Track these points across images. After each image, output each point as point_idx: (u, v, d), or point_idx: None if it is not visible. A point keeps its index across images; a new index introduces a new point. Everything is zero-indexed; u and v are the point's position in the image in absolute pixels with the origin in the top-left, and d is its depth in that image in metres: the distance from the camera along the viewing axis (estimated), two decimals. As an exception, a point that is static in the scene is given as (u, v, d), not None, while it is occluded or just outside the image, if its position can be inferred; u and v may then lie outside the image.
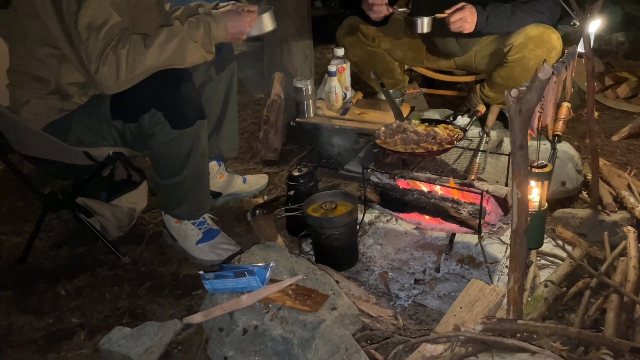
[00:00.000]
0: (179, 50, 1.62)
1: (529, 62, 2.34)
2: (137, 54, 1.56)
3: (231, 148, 2.28)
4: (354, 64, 2.73)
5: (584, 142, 2.61)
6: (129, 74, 1.57)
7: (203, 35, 1.65)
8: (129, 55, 1.55)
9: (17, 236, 2.17)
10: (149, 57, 1.58)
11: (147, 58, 1.58)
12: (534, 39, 2.33)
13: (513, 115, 1.14)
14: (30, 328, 1.68)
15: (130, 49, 1.55)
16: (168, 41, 1.60)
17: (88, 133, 1.75)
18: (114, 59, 1.54)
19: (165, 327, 1.52)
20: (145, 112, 1.66)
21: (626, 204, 1.94)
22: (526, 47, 2.34)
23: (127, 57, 1.55)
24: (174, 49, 1.61)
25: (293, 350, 1.36)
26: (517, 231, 1.24)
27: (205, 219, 1.95)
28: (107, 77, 1.56)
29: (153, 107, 1.65)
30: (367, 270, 1.83)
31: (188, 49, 1.63)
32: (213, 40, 1.68)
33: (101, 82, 1.58)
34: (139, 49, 1.57)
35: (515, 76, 2.40)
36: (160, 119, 1.67)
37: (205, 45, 1.67)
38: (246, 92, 3.42)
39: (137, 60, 1.57)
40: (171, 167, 1.78)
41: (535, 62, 2.31)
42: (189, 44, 1.63)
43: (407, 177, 1.86)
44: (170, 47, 1.60)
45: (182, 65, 1.65)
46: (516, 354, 1.25)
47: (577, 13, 1.59)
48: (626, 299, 1.51)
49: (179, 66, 1.65)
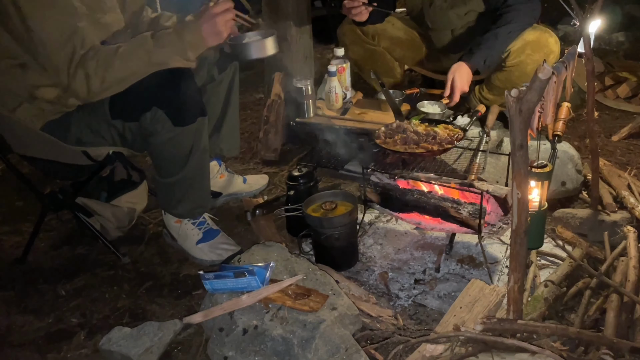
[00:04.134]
0: (150, 60, 1.60)
1: (526, 67, 2.38)
2: (107, 66, 1.56)
3: (232, 148, 2.28)
4: (354, 63, 2.74)
5: (584, 142, 2.61)
6: (101, 85, 1.58)
7: (176, 41, 1.61)
8: (98, 67, 1.56)
9: (17, 236, 2.17)
10: (118, 68, 1.57)
11: (117, 70, 1.57)
12: (531, 44, 2.36)
13: (513, 115, 1.14)
14: (30, 328, 1.68)
15: (100, 62, 1.55)
16: (136, 51, 1.59)
17: (87, 133, 1.74)
18: (82, 73, 1.55)
19: (165, 327, 1.52)
20: (147, 111, 1.66)
21: (626, 204, 1.95)
22: (524, 52, 2.37)
23: (96, 70, 1.55)
24: (145, 59, 1.59)
25: (293, 350, 1.36)
26: (517, 231, 1.24)
27: (205, 219, 1.95)
28: (79, 90, 1.58)
29: (154, 105, 1.65)
30: (367, 270, 1.83)
31: (160, 57, 1.60)
32: (189, 46, 1.62)
33: (76, 95, 1.61)
34: (108, 61, 1.56)
35: (513, 80, 2.42)
36: (162, 116, 1.67)
37: (180, 51, 1.61)
38: (246, 92, 3.42)
39: (107, 73, 1.57)
40: (172, 165, 1.78)
41: (533, 66, 2.33)
42: (159, 52, 1.60)
43: (407, 177, 1.86)
44: (140, 57, 1.59)
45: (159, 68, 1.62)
46: (516, 354, 1.25)
47: (577, 13, 1.59)
48: (626, 299, 1.51)
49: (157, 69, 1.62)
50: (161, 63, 1.61)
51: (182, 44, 1.61)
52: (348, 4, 2.42)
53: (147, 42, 1.59)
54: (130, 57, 1.58)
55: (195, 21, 1.62)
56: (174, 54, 1.61)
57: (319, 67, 3.08)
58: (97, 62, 1.55)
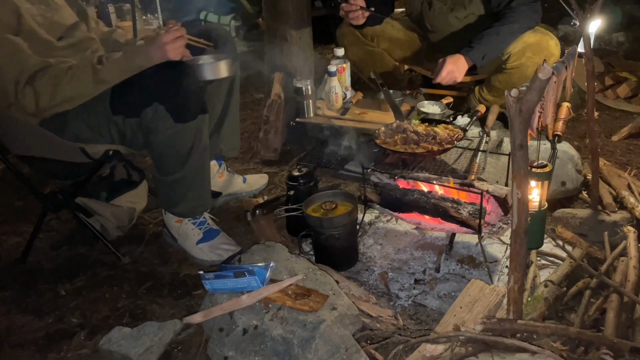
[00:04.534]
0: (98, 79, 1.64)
1: (527, 69, 2.38)
2: (56, 84, 1.61)
3: (232, 147, 2.28)
4: (354, 64, 2.74)
5: (584, 142, 2.61)
6: (49, 102, 1.63)
7: (124, 63, 1.65)
8: (48, 85, 1.60)
9: (17, 236, 2.17)
10: (67, 86, 1.62)
11: (66, 88, 1.62)
12: (531, 47, 2.36)
13: (513, 115, 1.14)
14: (30, 328, 1.68)
15: (49, 80, 1.61)
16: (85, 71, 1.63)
17: (85, 129, 1.75)
18: (31, 90, 1.60)
19: (165, 327, 1.52)
20: (148, 106, 1.67)
21: (626, 204, 1.95)
22: (524, 54, 2.37)
23: (45, 88, 1.61)
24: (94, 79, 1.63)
25: (293, 350, 1.36)
26: (517, 231, 1.24)
27: (205, 219, 1.95)
28: (28, 107, 1.63)
29: (155, 101, 1.66)
30: (367, 270, 1.83)
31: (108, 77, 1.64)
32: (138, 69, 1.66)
33: (22, 110, 1.65)
34: (58, 79, 1.61)
35: (513, 82, 2.42)
36: (163, 112, 1.67)
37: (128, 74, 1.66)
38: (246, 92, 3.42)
39: (57, 90, 1.61)
40: (173, 163, 1.78)
41: (533, 69, 2.31)
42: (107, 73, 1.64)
43: (407, 177, 1.86)
44: (89, 77, 1.63)
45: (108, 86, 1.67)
46: (516, 354, 1.25)
47: (577, 13, 1.59)
48: (626, 299, 1.51)
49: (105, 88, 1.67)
50: (109, 82, 1.67)
51: (130, 67, 1.66)
52: (346, 8, 2.43)
53: (97, 63, 1.65)
54: (79, 77, 1.63)
55: (146, 47, 1.67)
56: (122, 76, 1.67)
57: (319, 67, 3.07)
58: (47, 79, 1.61)
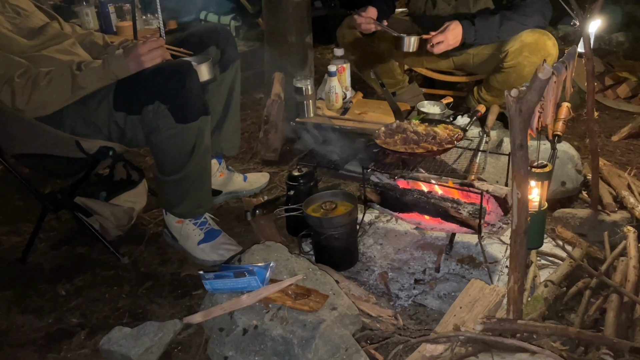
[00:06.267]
0: (74, 85, 1.66)
1: (524, 69, 2.36)
2: (34, 87, 1.64)
3: (232, 146, 2.28)
4: (354, 64, 2.74)
5: (584, 142, 2.61)
6: (26, 104, 1.65)
7: (101, 71, 1.67)
8: (26, 87, 1.63)
9: (17, 236, 2.17)
10: (44, 91, 1.64)
11: (43, 92, 1.64)
12: (529, 46, 2.34)
13: (513, 115, 1.14)
14: (30, 328, 1.68)
15: (27, 82, 1.63)
16: (63, 77, 1.66)
17: (83, 124, 1.75)
18: (9, 89, 1.63)
19: (165, 327, 1.52)
20: (149, 104, 1.67)
21: (626, 204, 1.94)
22: (521, 53, 2.36)
23: (23, 89, 1.63)
24: (71, 85, 1.66)
25: (293, 350, 1.36)
26: (517, 231, 1.24)
27: (206, 219, 1.95)
28: (5, 103, 1.66)
29: (157, 100, 1.67)
30: (367, 270, 1.83)
31: (85, 84, 1.67)
32: (115, 78, 1.69)
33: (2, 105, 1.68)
34: (36, 83, 1.64)
35: (510, 81, 2.41)
36: (164, 112, 1.68)
37: (105, 82, 1.69)
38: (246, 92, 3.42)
39: (33, 93, 1.64)
40: (174, 163, 1.78)
41: (530, 68, 2.32)
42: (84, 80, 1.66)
43: (407, 177, 1.86)
44: (66, 83, 1.66)
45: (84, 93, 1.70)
46: (516, 354, 1.25)
47: (577, 13, 1.59)
48: (626, 299, 1.51)
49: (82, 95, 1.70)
50: (86, 89, 1.68)
51: (107, 75, 1.69)
52: (359, 20, 2.45)
53: (74, 70, 1.67)
54: (56, 83, 1.66)
55: (123, 56, 1.69)
56: (100, 84, 1.69)
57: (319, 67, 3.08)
58: (25, 81, 1.64)
